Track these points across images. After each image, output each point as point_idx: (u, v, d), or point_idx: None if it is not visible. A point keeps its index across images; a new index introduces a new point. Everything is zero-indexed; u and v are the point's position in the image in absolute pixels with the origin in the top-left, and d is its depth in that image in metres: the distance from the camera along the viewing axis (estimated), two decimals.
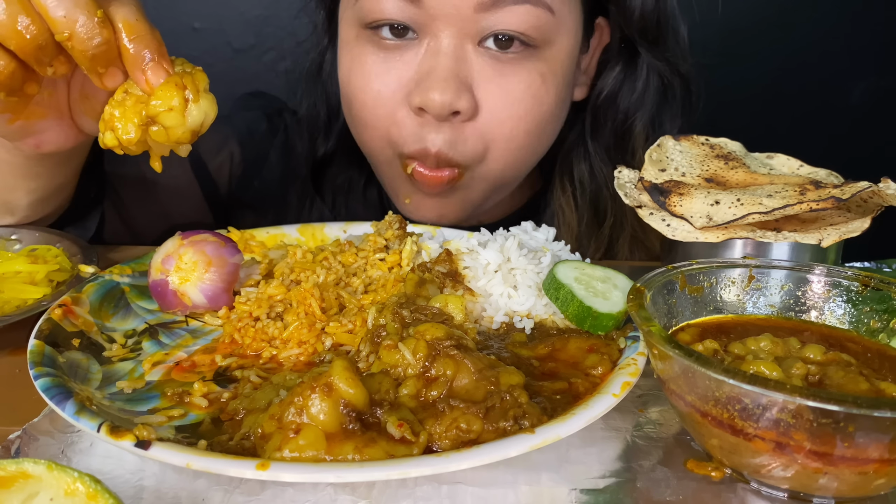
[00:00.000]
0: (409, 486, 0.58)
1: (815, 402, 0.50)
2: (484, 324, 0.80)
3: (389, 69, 1.00)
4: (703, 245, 0.84)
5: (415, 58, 0.99)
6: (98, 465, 0.60)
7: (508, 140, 1.02)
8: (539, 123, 1.04)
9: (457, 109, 0.97)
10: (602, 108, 1.16)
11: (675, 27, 1.14)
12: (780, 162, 0.95)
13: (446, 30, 0.96)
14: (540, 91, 1.01)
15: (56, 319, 0.73)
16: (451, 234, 0.97)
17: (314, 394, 0.58)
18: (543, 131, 1.06)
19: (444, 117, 0.98)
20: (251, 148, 1.25)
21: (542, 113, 1.03)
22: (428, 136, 1.00)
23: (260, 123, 1.27)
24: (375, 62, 1.01)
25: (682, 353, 0.56)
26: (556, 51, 1.02)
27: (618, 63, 1.14)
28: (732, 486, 0.60)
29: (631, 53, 1.14)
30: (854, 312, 0.70)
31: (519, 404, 0.60)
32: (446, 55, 0.96)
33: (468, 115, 0.99)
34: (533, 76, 1.00)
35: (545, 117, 1.04)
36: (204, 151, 1.21)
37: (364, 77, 1.02)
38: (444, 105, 0.96)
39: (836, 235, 0.80)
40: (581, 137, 1.19)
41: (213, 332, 0.80)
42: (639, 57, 1.13)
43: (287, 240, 0.99)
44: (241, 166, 1.25)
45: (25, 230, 0.97)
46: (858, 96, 1.98)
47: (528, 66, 1.00)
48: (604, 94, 1.15)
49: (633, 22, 1.09)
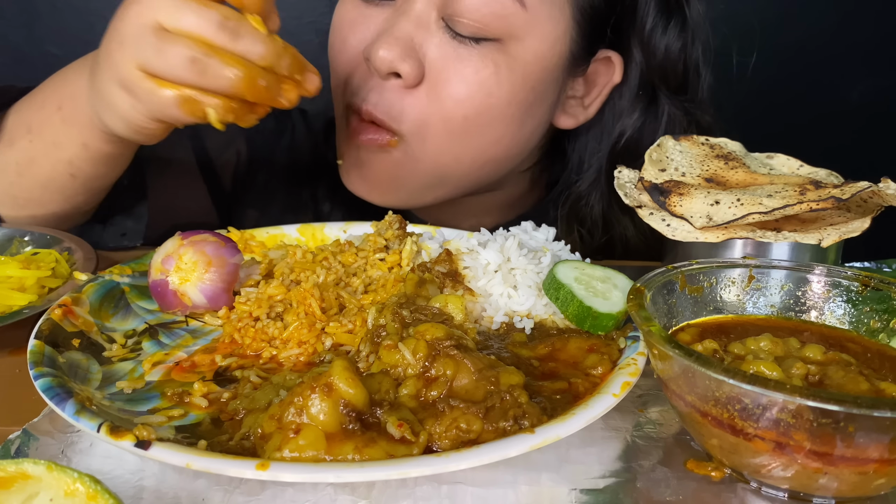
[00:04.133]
0: (409, 486, 0.58)
1: (815, 402, 0.50)
2: (484, 324, 0.80)
3: (363, 21, 1.03)
4: (703, 245, 0.84)
5: (384, 16, 1.01)
6: (98, 465, 0.60)
7: (445, 121, 1.00)
8: (480, 113, 1.01)
9: (397, 70, 0.97)
10: (622, 153, 1.12)
11: (697, 76, 1.12)
12: (780, 162, 0.95)
13: None
14: (489, 80, 0.99)
15: (56, 320, 0.73)
16: (451, 234, 0.97)
17: (314, 394, 0.58)
18: (488, 125, 1.02)
19: (384, 74, 0.98)
20: (258, 146, 1.27)
21: (488, 104, 1.00)
22: (370, 92, 1.01)
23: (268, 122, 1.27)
24: (353, 12, 1.04)
25: (682, 353, 0.56)
26: (522, 49, 1.00)
27: (637, 107, 1.12)
28: (732, 486, 0.60)
29: (651, 98, 1.11)
30: (854, 312, 0.70)
31: (519, 404, 0.60)
32: (409, 18, 0.98)
33: (409, 81, 0.98)
34: (486, 62, 0.98)
35: (490, 111, 1.01)
36: (211, 147, 1.23)
37: (340, 23, 1.06)
38: (384, 61, 0.97)
39: (836, 235, 0.80)
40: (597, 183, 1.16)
41: (213, 332, 0.80)
42: (658, 102, 1.11)
43: (287, 240, 0.99)
44: (247, 164, 1.27)
45: (38, 232, 0.97)
46: (858, 96, 1.98)
47: (484, 53, 0.98)
48: (625, 137, 1.12)
49: (655, 64, 1.07)
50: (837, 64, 1.94)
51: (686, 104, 1.11)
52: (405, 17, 0.98)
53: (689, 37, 1.10)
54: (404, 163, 1.05)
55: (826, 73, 1.93)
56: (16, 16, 1.81)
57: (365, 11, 1.03)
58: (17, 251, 0.94)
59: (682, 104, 1.11)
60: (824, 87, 1.94)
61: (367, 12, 1.03)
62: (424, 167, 1.05)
